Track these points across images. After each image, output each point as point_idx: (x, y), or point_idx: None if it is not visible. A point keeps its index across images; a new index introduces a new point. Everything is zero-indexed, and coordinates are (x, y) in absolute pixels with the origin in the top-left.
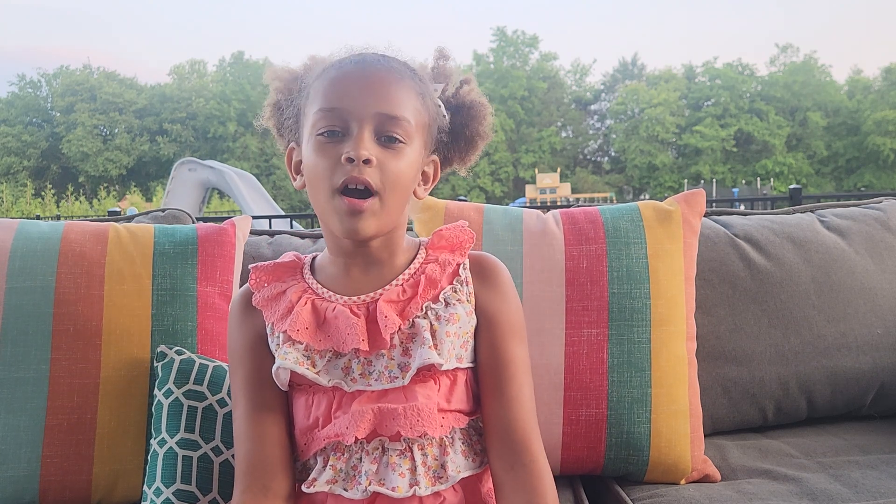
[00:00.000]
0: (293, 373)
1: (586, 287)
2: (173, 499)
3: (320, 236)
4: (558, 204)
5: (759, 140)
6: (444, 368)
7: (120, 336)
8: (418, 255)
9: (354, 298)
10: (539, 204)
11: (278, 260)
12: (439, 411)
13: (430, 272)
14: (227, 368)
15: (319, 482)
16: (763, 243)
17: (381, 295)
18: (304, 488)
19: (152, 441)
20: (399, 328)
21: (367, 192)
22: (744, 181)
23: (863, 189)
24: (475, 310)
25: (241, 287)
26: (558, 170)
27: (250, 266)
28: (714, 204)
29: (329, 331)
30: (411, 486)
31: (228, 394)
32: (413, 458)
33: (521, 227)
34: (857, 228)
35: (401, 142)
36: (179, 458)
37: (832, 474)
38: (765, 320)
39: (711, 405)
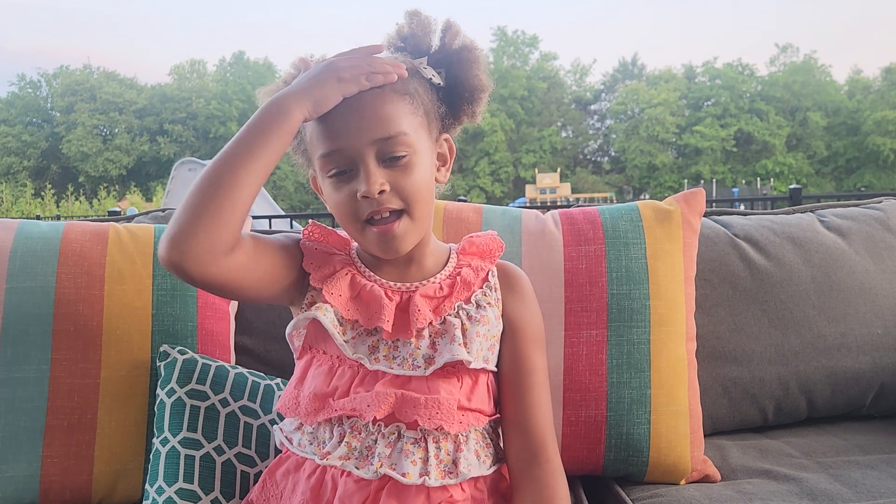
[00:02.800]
0: (316, 334)
1: (585, 288)
2: (175, 497)
3: None
4: (558, 204)
5: (759, 140)
6: (471, 367)
7: (120, 336)
8: (450, 259)
9: (392, 284)
10: (539, 204)
11: (334, 229)
12: (459, 408)
13: (465, 275)
14: (229, 369)
15: (333, 456)
16: (763, 243)
17: (417, 288)
18: (318, 460)
19: (154, 440)
20: (430, 323)
21: (392, 214)
22: (744, 181)
23: (863, 189)
24: (501, 316)
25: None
26: (558, 170)
27: (310, 220)
28: (714, 204)
29: (359, 304)
30: (421, 475)
31: (231, 393)
32: (427, 449)
33: (520, 227)
34: (857, 228)
35: (405, 156)
36: (182, 457)
37: (832, 474)
38: (765, 320)
39: (711, 405)
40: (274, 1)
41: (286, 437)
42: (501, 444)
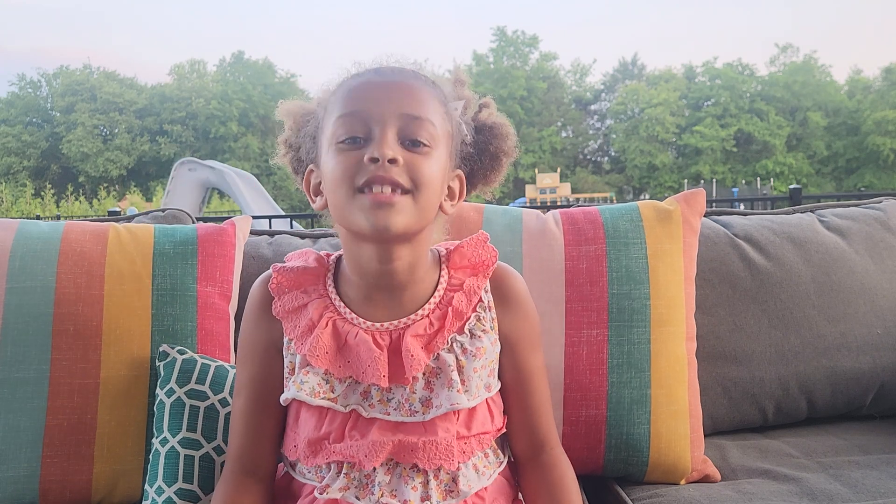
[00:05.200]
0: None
1: (586, 287)
2: (175, 497)
3: (320, 236)
4: (558, 204)
5: (759, 140)
6: (471, 405)
7: (120, 336)
8: (441, 279)
9: (378, 325)
10: (539, 204)
11: (301, 263)
12: (459, 438)
13: (456, 304)
14: (229, 369)
15: (332, 489)
16: (763, 243)
17: (406, 326)
18: (316, 494)
19: (154, 440)
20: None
21: (395, 191)
22: (744, 181)
23: (863, 189)
24: (498, 336)
25: (236, 287)
26: (558, 170)
27: (273, 266)
28: (714, 204)
29: (350, 357)
30: (423, 499)
31: (230, 394)
32: (426, 473)
33: (521, 227)
34: (857, 228)
35: (426, 146)
36: (181, 458)
37: (832, 474)
38: (765, 320)
39: (711, 405)
40: (274, 2)
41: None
42: (501, 450)
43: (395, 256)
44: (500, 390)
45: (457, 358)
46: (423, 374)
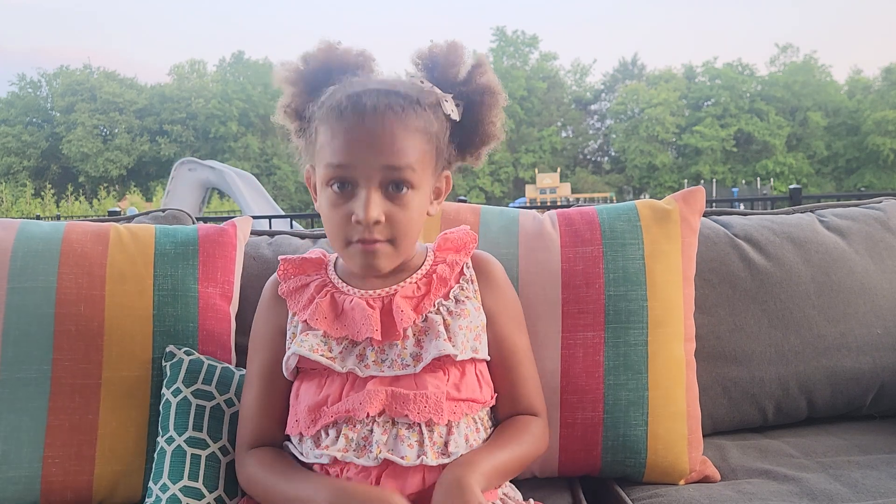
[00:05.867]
0: (307, 359)
1: (582, 289)
2: (179, 494)
3: (321, 236)
4: (558, 204)
5: (759, 140)
6: (459, 359)
7: (121, 336)
8: (427, 258)
9: (370, 292)
10: (539, 204)
11: (305, 255)
12: (449, 399)
13: (440, 272)
14: (234, 371)
15: (332, 449)
16: (763, 243)
17: (395, 291)
18: (314, 456)
19: (160, 439)
20: (413, 322)
21: (379, 242)
22: (744, 181)
23: (863, 189)
24: (482, 307)
25: (237, 287)
26: (558, 170)
27: (279, 257)
28: (714, 204)
29: (346, 321)
30: (419, 456)
31: (236, 394)
32: (421, 432)
33: (517, 228)
34: (857, 228)
35: (407, 191)
36: (188, 456)
37: (832, 474)
38: (765, 320)
39: (711, 405)
40: (274, 1)
41: (295, 453)
42: (492, 428)
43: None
44: (488, 364)
45: (443, 318)
46: (414, 333)
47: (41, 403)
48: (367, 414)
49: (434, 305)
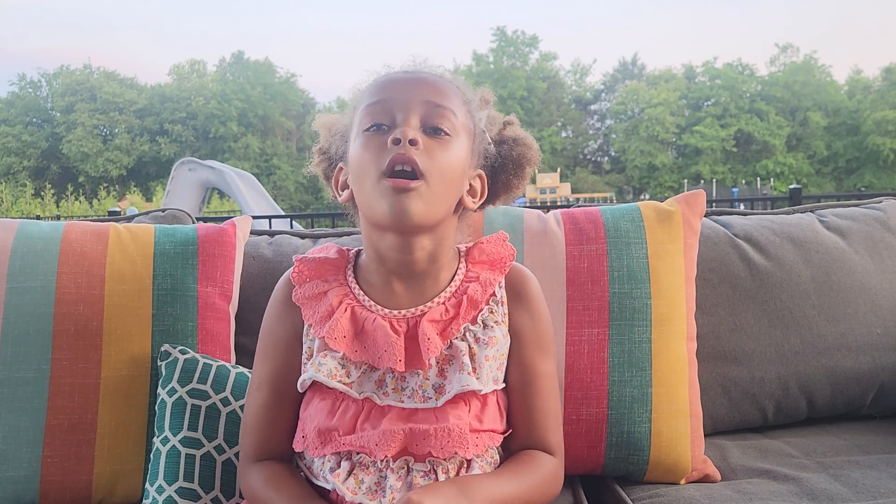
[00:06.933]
0: (317, 381)
1: (587, 287)
2: (175, 496)
3: (321, 236)
4: (559, 204)
5: (759, 140)
6: (482, 393)
7: (121, 336)
8: (459, 269)
9: (395, 313)
10: (539, 204)
11: (323, 255)
12: (472, 431)
13: (472, 293)
14: (230, 369)
15: (342, 484)
16: (763, 243)
17: (423, 313)
18: (324, 472)
19: (155, 439)
20: (439, 349)
21: (413, 174)
22: (744, 181)
23: (863, 189)
24: (508, 330)
25: (236, 287)
26: (558, 170)
27: (294, 257)
28: (714, 204)
29: (366, 342)
30: None
31: (232, 393)
32: (437, 479)
33: (522, 226)
34: (857, 228)
35: (447, 134)
36: (182, 456)
37: (832, 474)
38: (765, 320)
39: (711, 405)
40: (274, 2)
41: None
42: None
43: (416, 247)
44: (505, 390)
45: (469, 346)
46: (437, 361)
47: (40, 403)
48: (384, 456)
49: (461, 331)
